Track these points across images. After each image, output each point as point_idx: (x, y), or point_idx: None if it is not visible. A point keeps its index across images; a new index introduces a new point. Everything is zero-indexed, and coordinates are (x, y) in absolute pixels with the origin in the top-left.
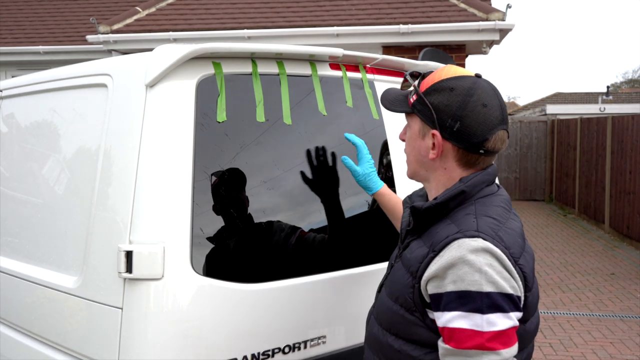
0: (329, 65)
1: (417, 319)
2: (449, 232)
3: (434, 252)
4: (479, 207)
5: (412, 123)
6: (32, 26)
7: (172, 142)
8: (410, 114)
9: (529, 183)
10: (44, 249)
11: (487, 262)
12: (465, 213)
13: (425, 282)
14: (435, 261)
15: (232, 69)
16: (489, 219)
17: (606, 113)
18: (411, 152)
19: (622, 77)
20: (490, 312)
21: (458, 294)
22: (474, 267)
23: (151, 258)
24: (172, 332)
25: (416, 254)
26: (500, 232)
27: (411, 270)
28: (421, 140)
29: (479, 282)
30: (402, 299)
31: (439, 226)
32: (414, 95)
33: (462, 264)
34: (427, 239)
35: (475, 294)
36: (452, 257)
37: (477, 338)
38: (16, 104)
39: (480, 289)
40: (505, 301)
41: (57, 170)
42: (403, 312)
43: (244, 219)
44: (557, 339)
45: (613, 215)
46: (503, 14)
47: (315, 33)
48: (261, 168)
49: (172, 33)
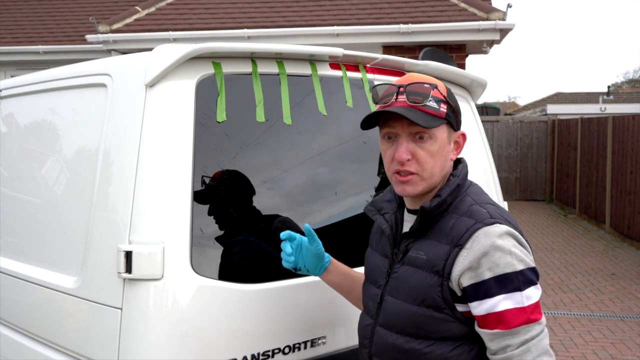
0: (329, 65)
1: (447, 316)
2: (467, 225)
3: (458, 247)
4: (475, 197)
5: (439, 133)
6: (32, 26)
7: (172, 142)
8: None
9: (530, 183)
10: (44, 249)
11: (512, 243)
12: (467, 205)
13: (457, 276)
14: (463, 254)
15: (232, 69)
16: (490, 205)
17: (607, 113)
18: (438, 164)
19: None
20: (526, 287)
21: (497, 279)
22: (505, 250)
23: (151, 258)
24: (172, 332)
25: (436, 253)
26: (504, 214)
27: (435, 270)
28: (448, 145)
29: (512, 263)
30: (430, 300)
31: (447, 222)
32: (444, 105)
33: (493, 250)
34: (440, 236)
35: (512, 275)
36: (482, 246)
37: (522, 315)
38: (16, 104)
39: (514, 269)
40: (533, 274)
41: (57, 170)
42: (432, 313)
43: (244, 219)
44: (558, 339)
45: (614, 216)
46: (503, 14)
47: (315, 33)
48: (261, 168)
49: (171, 33)
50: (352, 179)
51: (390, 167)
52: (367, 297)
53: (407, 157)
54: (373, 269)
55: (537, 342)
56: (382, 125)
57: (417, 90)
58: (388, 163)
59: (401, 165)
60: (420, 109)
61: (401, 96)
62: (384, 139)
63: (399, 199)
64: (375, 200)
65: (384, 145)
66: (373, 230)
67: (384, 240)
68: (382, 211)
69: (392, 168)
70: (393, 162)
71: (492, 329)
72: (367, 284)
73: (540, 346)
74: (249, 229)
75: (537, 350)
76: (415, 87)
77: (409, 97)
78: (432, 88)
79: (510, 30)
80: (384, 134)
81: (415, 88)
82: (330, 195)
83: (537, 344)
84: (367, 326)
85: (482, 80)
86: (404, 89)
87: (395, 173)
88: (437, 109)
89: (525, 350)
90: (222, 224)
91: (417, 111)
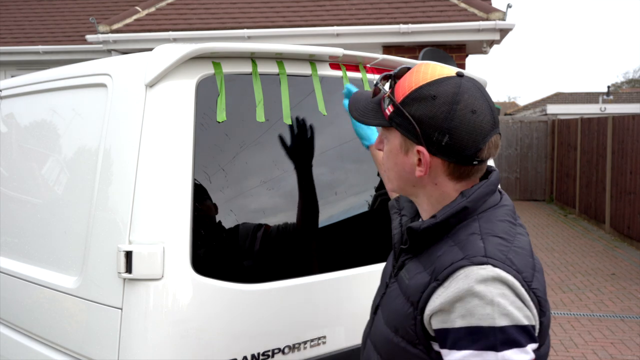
0: (329, 65)
1: (421, 352)
2: (454, 258)
3: (437, 281)
4: (484, 224)
5: (391, 137)
6: (32, 26)
7: (172, 142)
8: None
9: (530, 183)
10: (44, 249)
11: (500, 292)
12: (469, 232)
13: (429, 315)
14: (439, 293)
15: (232, 69)
16: (497, 238)
17: (607, 113)
18: (392, 168)
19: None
20: (505, 348)
21: (468, 330)
22: (485, 299)
23: (151, 258)
24: (172, 332)
25: (416, 282)
26: (510, 253)
27: (411, 300)
28: (404, 156)
29: (491, 315)
30: (403, 331)
31: (439, 247)
32: (390, 106)
33: (471, 297)
34: (426, 262)
35: (488, 330)
36: (459, 289)
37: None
38: (16, 104)
39: (492, 323)
40: (521, 334)
41: (57, 170)
42: (405, 345)
43: (244, 219)
44: (558, 339)
45: (614, 216)
46: (503, 14)
47: (315, 33)
48: (261, 168)
49: (171, 33)
50: (353, 179)
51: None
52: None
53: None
54: (384, 273)
55: None
56: None
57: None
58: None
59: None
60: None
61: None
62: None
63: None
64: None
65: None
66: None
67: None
68: (402, 212)
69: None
70: None
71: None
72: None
73: None
74: (249, 229)
75: None
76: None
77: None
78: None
79: (510, 30)
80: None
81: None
82: (330, 195)
83: None
84: (365, 335)
85: (482, 80)
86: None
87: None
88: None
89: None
90: (222, 224)
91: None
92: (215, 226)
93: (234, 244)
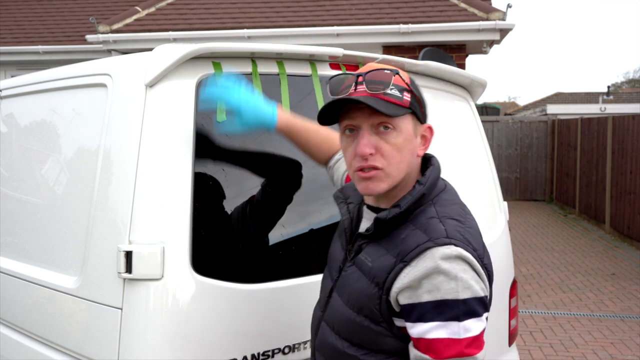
0: (329, 65)
1: (384, 329)
2: (419, 241)
3: (403, 263)
4: (439, 208)
5: (403, 125)
6: (32, 26)
7: (172, 142)
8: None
9: (530, 183)
10: (44, 249)
11: (462, 268)
12: (428, 217)
13: (396, 293)
14: (406, 272)
15: (232, 69)
16: (453, 221)
17: (607, 113)
18: (405, 158)
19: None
20: (466, 318)
21: (435, 304)
22: (450, 275)
23: (151, 258)
24: (172, 332)
25: (381, 264)
26: (466, 234)
27: (376, 281)
28: (414, 139)
29: (455, 289)
30: (368, 310)
31: (402, 232)
32: (407, 93)
33: (437, 274)
34: (389, 245)
35: (452, 302)
36: (426, 267)
37: (455, 346)
38: (16, 104)
39: (456, 296)
40: (479, 305)
41: (57, 170)
42: (368, 323)
43: (244, 219)
44: (558, 339)
45: (614, 216)
46: (503, 14)
47: (315, 33)
48: (261, 168)
49: (171, 33)
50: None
51: (353, 163)
52: (322, 286)
53: (369, 151)
54: (332, 258)
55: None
56: (341, 119)
57: (377, 77)
58: (350, 160)
59: (364, 160)
60: (382, 97)
61: (360, 86)
62: (344, 133)
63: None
64: (345, 186)
65: (345, 142)
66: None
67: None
68: (349, 200)
69: (355, 165)
70: (355, 157)
71: (421, 354)
72: (325, 272)
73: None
74: (249, 229)
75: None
76: (375, 75)
77: (369, 86)
78: (394, 74)
79: (510, 30)
80: (344, 128)
81: (375, 76)
82: (330, 195)
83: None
84: (316, 318)
85: (482, 80)
86: (362, 78)
87: (357, 170)
88: (400, 98)
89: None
90: (222, 224)
91: (378, 99)
92: (215, 226)
93: (234, 244)
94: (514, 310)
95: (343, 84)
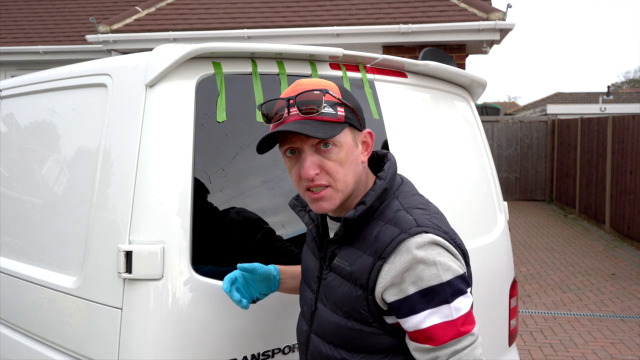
0: (329, 65)
1: (376, 329)
2: (392, 235)
3: (382, 260)
4: (403, 200)
5: (343, 139)
6: (32, 26)
7: (172, 142)
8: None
9: (530, 183)
10: (44, 249)
11: (437, 252)
12: (394, 210)
13: (380, 292)
14: (386, 269)
15: (232, 69)
16: (418, 210)
17: (607, 113)
18: (350, 170)
19: (623, 77)
20: (455, 298)
21: (422, 293)
22: (428, 262)
23: (151, 258)
24: (172, 332)
25: (360, 265)
26: (434, 219)
27: (359, 283)
28: (355, 149)
29: (437, 274)
30: (356, 314)
31: (372, 229)
32: (340, 108)
33: (415, 264)
34: (362, 245)
35: (438, 287)
36: (404, 260)
37: (452, 329)
38: (16, 104)
39: (440, 280)
40: (462, 282)
41: (57, 170)
42: (360, 326)
43: (244, 219)
44: (558, 339)
45: (614, 216)
46: (503, 14)
47: (315, 33)
48: (261, 168)
49: (171, 33)
50: None
51: (300, 185)
52: (302, 300)
53: (314, 172)
54: (306, 269)
55: (468, 352)
56: (281, 142)
57: (307, 99)
58: (296, 182)
59: (310, 181)
60: (316, 118)
61: (292, 109)
62: (286, 155)
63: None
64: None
65: (288, 163)
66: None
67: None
68: (308, 207)
69: (302, 185)
70: (301, 180)
71: (421, 344)
72: (303, 285)
73: (471, 356)
74: (249, 229)
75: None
76: (305, 97)
77: (300, 109)
78: (324, 93)
79: (510, 30)
80: (285, 150)
81: (304, 97)
82: None
83: (469, 353)
84: (304, 332)
85: (482, 80)
86: (293, 101)
87: (306, 190)
88: (334, 114)
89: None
90: (222, 223)
91: (312, 122)
92: (215, 226)
93: (234, 244)
94: (514, 310)
95: (274, 109)
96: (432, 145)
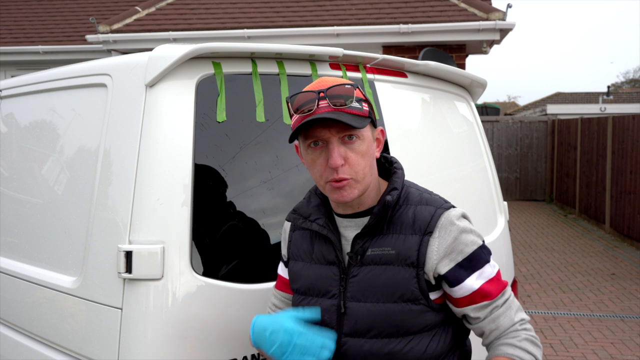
0: (329, 65)
1: (423, 307)
2: (430, 212)
3: (428, 234)
4: (417, 188)
5: (366, 132)
6: (32, 26)
7: (172, 142)
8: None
9: (530, 183)
10: (44, 249)
11: (467, 222)
12: (416, 194)
13: (434, 265)
14: (435, 243)
15: (232, 69)
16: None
17: (607, 113)
18: (367, 163)
19: (623, 77)
20: (489, 257)
21: (468, 259)
22: (467, 230)
23: (151, 258)
24: (172, 332)
25: (406, 246)
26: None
27: (409, 262)
28: (373, 144)
29: (475, 240)
30: (408, 293)
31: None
32: (364, 103)
33: (459, 233)
34: (402, 228)
35: (479, 250)
36: (450, 232)
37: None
38: (16, 104)
39: (478, 243)
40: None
41: (57, 170)
42: (410, 306)
43: (244, 219)
44: (558, 339)
45: (614, 216)
46: (503, 14)
47: (315, 33)
48: (261, 168)
49: (171, 33)
50: None
51: (324, 175)
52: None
53: (341, 162)
54: (317, 280)
55: (512, 299)
56: (306, 135)
57: (339, 92)
58: (320, 172)
59: (335, 173)
60: (346, 110)
61: (323, 101)
62: (310, 147)
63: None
64: (298, 207)
65: (312, 154)
66: (295, 241)
67: (322, 246)
68: (311, 217)
69: (326, 176)
70: (327, 169)
71: (478, 303)
72: (307, 298)
73: (515, 302)
74: (249, 229)
75: (515, 305)
76: (337, 90)
77: (331, 101)
78: (355, 88)
79: (510, 30)
80: (310, 143)
81: (336, 91)
82: None
83: (513, 300)
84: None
85: (482, 80)
86: (324, 94)
87: (329, 181)
88: (360, 109)
89: (507, 307)
90: (222, 224)
91: (344, 113)
92: (215, 226)
93: (234, 244)
94: None
95: (303, 101)
96: (432, 145)
